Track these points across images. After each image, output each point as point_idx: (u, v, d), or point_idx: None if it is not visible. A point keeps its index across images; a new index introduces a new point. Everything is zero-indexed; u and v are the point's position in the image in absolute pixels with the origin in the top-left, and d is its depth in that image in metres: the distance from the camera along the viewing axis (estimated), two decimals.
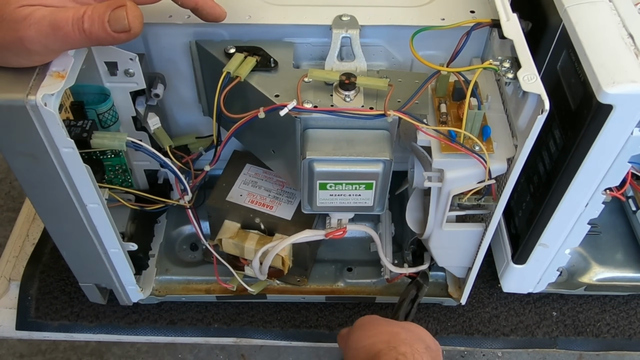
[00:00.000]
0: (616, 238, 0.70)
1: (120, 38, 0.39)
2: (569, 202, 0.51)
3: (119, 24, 0.39)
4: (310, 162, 0.47)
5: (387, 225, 0.64)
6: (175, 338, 0.65)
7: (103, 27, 0.39)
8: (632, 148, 0.45)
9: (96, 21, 0.38)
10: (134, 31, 0.39)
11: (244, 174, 0.62)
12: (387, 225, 0.64)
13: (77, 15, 0.38)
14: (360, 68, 0.51)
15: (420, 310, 0.66)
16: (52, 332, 0.65)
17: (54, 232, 0.52)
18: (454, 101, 0.49)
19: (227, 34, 0.52)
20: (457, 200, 0.50)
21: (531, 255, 0.58)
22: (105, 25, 0.39)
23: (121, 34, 0.39)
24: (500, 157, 0.47)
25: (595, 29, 0.45)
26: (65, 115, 0.50)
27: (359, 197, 0.50)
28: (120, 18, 0.39)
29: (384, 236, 0.63)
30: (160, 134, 0.57)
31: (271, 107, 0.46)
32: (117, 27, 0.39)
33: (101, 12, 0.38)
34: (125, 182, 0.60)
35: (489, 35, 0.53)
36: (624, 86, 0.41)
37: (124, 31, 0.39)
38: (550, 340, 0.65)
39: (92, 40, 0.39)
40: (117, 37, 0.39)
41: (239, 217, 0.60)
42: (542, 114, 0.41)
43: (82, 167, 0.44)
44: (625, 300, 0.68)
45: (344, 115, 0.46)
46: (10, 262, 0.70)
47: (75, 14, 0.38)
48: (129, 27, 0.39)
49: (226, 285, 0.63)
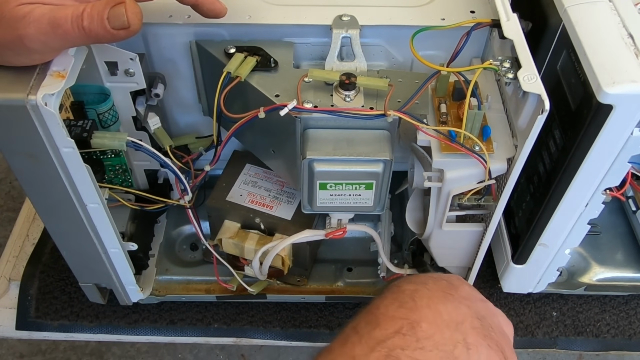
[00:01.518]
0: (616, 238, 0.70)
1: (119, 35, 0.39)
2: (569, 202, 0.51)
3: (118, 21, 0.39)
4: (310, 162, 0.47)
5: (387, 224, 0.64)
6: (175, 338, 0.65)
7: (102, 25, 0.39)
8: (632, 148, 0.45)
9: (95, 18, 0.38)
10: (133, 28, 0.39)
11: (244, 174, 0.62)
12: (387, 224, 0.64)
13: (76, 13, 0.38)
14: (360, 68, 0.51)
15: None
16: (52, 332, 0.65)
17: (54, 232, 0.52)
18: (454, 101, 0.49)
19: (227, 34, 0.52)
20: (457, 200, 0.50)
21: (531, 255, 0.58)
22: (105, 23, 0.39)
23: (120, 31, 0.39)
24: (500, 157, 0.47)
25: (595, 29, 0.45)
26: (66, 115, 0.50)
27: (359, 197, 0.50)
28: (119, 15, 0.39)
29: (383, 235, 0.63)
30: (160, 133, 0.57)
31: (271, 107, 0.46)
32: (116, 24, 0.39)
33: (100, 10, 0.39)
34: (125, 182, 0.60)
35: (489, 35, 0.53)
36: (624, 86, 0.41)
37: (123, 28, 0.39)
38: (550, 340, 0.65)
39: (91, 38, 0.39)
40: (117, 34, 0.39)
41: (239, 217, 0.60)
42: (542, 114, 0.41)
43: (82, 167, 0.44)
44: (625, 300, 0.68)
45: (344, 115, 0.46)
46: (10, 262, 0.70)
47: (74, 12, 0.38)
48: (128, 24, 0.39)
49: (226, 285, 0.63)
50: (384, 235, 0.63)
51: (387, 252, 0.62)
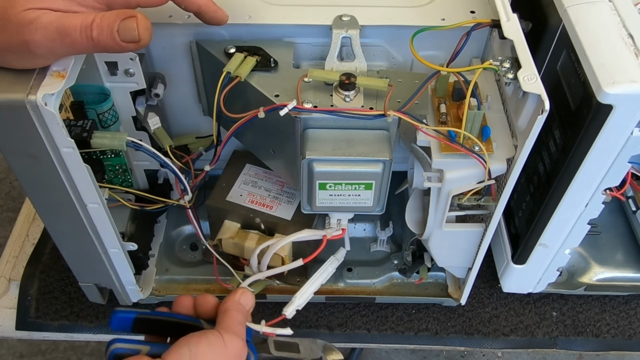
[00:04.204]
0: (616, 238, 0.70)
1: (128, 48, 0.39)
2: (569, 202, 0.51)
3: (129, 34, 0.39)
4: (310, 162, 0.47)
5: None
6: None
7: (112, 37, 0.39)
8: (632, 148, 0.45)
9: (105, 30, 0.38)
10: (143, 42, 0.39)
11: (244, 174, 0.62)
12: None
13: (85, 23, 0.38)
14: (360, 68, 0.51)
15: (420, 311, 0.66)
16: (52, 332, 0.65)
17: (54, 232, 0.52)
18: (454, 101, 0.49)
19: (227, 34, 0.52)
20: (457, 200, 0.50)
21: (531, 255, 0.58)
22: (115, 35, 0.38)
23: (130, 44, 0.39)
24: (500, 157, 0.47)
25: (595, 29, 0.45)
26: (66, 115, 0.50)
27: (359, 197, 0.50)
28: (130, 29, 0.39)
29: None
30: (160, 133, 0.57)
31: (271, 107, 0.46)
32: (126, 37, 0.39)
33: (111, 21, 0.38)
34: (125, 182, 0.60)
35: (489, 36, 0.53)
36: (624, 86, 0.41)
37: (133, 42, 0.39)
38: (550, 340, 0.65)
39: (99, 48, 0.39)
40: (125, 47, 0.39)
41: (239, 217, 0.60)
42: (542, 114, 0.41)
43: (82, 167, 0.44)
44: (625, 300, 0.68)
45: (344, 115, 0.46)
46: (10, 262, 0.70)
47: (83, 21, 0.38)
48: (139, 38, 0.39)
49: (226, 285, 0.63)
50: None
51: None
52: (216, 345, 0.40)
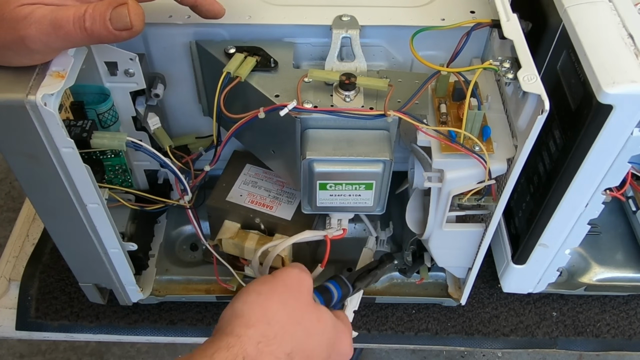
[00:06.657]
0: (616, 238, 0.70)
1: (122, 36, 0.39)
2: (569, 202, 0.51)
3: (121, 21, 0.39)
4: (310, 162, 0.47)
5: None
6: (175, 338, 0.65)
7: (105, 25, 0.39)
8: (632, 148, 0.45)
9: (97, 19, 0.38)
10: (136, 29, 0.39)
11: (244, 174, 0.62)
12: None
13: (78, 14, 0.38)
14: (360, 68, 0.51)
15: (420, 311, 0.66)
16: (52, 332, 0.65)
17: (54, 232, 0.52)
18: (454, 101, 0.49)
19: (227, 34, 0.52)
20: (457, 200, 0.50)
21: (531, 256, 0.58)
22: (107, 23, 0.39)
23: (123, 32, 0.39)
24: (500, 158, 0.47)
25: (595, 29, 0.45)
26: (65, 115, 0.50)
27: (359, 197, 0.50)
28: (122, 16, 0.39)
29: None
30: (160, 134, 0.57)
31: (271, 107, 0.46)
32: (118, 24, 0.39)
33: (102, 10, 0.39)
34: (125, 182, 0.60)
35: (489, 36, 0.53)
36: (624, 86, 0.41)
37: (126, 29, 0.39)
38: (550, 340, 0.65)
39: (93, 39, 0.39)
40: (119, 35, 0.39)
41: (239, 217, 0.60)
42: (542, 114, 0.41)
43: (82, 167, 0.44)
44: (625, 300, 0.68)
45: (344, 116, 0.46)
46: (10, 262, 0.70)
47: (76, 13, 0.38)
48: (131, 24, 0.39)
49: (226, 285, 0.63)
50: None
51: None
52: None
